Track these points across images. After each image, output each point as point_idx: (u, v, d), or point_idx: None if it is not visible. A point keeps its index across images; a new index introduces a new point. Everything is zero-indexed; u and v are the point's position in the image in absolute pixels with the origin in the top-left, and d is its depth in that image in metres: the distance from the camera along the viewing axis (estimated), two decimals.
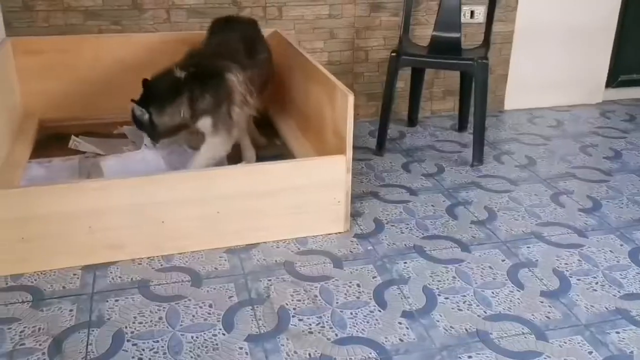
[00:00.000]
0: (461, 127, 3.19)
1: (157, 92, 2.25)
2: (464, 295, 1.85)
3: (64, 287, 1.83)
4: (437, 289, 1.88)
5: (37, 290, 1.81)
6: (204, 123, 2.29)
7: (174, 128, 2.31)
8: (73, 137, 2.63)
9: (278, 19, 2.98)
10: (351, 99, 2.01)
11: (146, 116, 2.27)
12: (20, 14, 2.67)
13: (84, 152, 2.58)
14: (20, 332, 1.63)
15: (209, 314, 1.74)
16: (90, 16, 2.75)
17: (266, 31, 2.88)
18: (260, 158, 2.52)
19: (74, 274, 1.89)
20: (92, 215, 1.87)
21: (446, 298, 1.84)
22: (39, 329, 1.65)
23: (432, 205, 2.41)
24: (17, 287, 1.82)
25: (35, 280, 1.85)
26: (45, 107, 2.70)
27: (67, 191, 1.85)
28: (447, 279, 1.93)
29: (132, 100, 2.26)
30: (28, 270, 1.88)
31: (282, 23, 2.99)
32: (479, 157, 2.77)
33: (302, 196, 2.08)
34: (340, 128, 2.10)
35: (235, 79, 2.27)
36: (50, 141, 2.63)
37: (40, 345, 1.59)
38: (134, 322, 1.69)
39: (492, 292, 1.87)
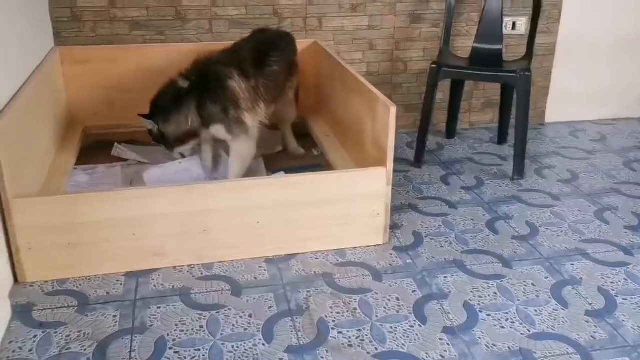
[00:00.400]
0: (501, 139, 3.15)
1: (162, 102, 2.33)
2: (506, 313, 1.82)
3: (107, 293, 1.86)
4: (479, 304, 1.85)
5: (82, 296, 1.84)
6: (218, 130, 2.33)
7: (184, 136, 2.36)
8: (116, 144, 2.68)
9: (318, 30, 2.99)
10: (393, 110, 2.00)
11: (155, 128, 2.34)
12: (68, 24, 2.74)
13: (126, 160, 2.63)
14: (67, 336, 1.67)
15: (249, 323, 1.74)
16: (136, 27, 2.81)
17: (306, 42, 2.91)
18: (298, 168, 2.53)
19: (118, 280, 1.92)
20: (136, 222, 1.90)
21: (488, 314, 1.81)
22: (84, 333, 1.68)
23: (472, 219, 2.38)
24: (63, 291, 1.86)
25: (81, 285, 1.89)
26: (89, 114, 2.77)
27: (113, 198, 1.88)
28: (489, 295, 1.90)
29: (139, 115, 2.33)
30: (73, 275, 1.92)
31: (322, 34, 3.00)
32: (519, 170, 2.73)
33: (342, 208, 2.08)
34: (381, 140, 2.09)
35: (237, 86, 2.29)
36: (94, 148, 2.69)
37: (85, 350, 1.62)
38: (175, 330, 1.71)
39: (535, 310, 1.83)
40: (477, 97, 3.33)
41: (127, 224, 1.90)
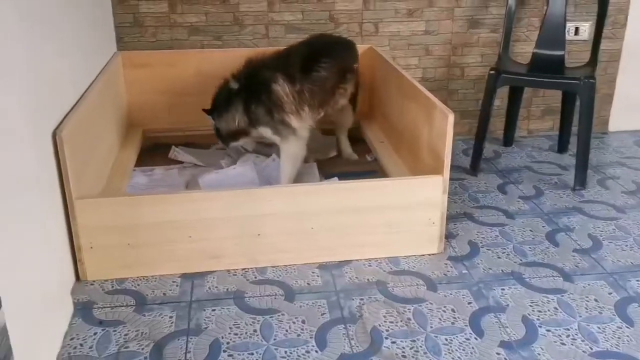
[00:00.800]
0: (561, 148, 3.05)
1: (218, 100, 2.44)
2: (567, 329, 1.75)
3: (164, 294, 1.89)
4: (538, 319, 1.79)
5: (140, 295, 1.88)
6: (265, 132, 2.39)
7: (235, 133, 2.44)
8: (173, 147, 2.74)
9: (374, 35, 2.98)
10: (451, 118, 1.96)
11: (212, 122, 2.44)
12: (130, 29, 2.82)
13: (182, 162, 2.68)
14: (125, 335, 1.71)
15: (302, 330, 1.74)
16: (194, 32, 2.87)
17: (361, 47, 2.90)
18: (352, 174, 2.52)
19: (174, 282, 1.95)
20: (192, 225, 1.93)
21: (548, 330, 1.75)
22: (142, 333, 1.72)
23: (531, 230, 2.30)
24: (122, 290, 1.91)
25: (138, 285, 1.93)
26: (149, 117, 2.84)
27: (172, 201, 1.92)
28: (549, 310, 1.84)
29: (203, 110, 2.44)
30: (132, 275, 1.97)
31: (378, 39, 2.98)
32: (581, 180, 2.64)
33: (396, 215, 2.05)
34: (438, 147, 2.05)
35: (281, 90, 2.32)
36: (153, 150, 2.75)
37: (142, 349, 1.65)
38: (229, 333, 1.72)
39: (599, 327, 1.76)
40: (536, 103, 3.24)
41: (184, 227, 1.93)
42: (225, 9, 2.85)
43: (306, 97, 2.38)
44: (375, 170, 2.60)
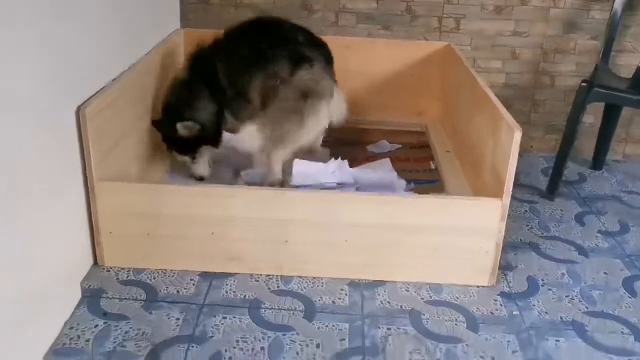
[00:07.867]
0: None
1: None
2: None
3: (177, 292, 1.77)
4: None
5: (153, 290, 1.76)
6: None
7: None
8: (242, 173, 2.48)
9: (454, 32, 2.70)
10: (518, 135, 1.68)
11: None
12: (196, 6, 2.72)
13: None
14: (125, 332, 1.59)
15: (314, 356, 1.55)
16: (260, 14, 2.70)
17: (437, 44, 2.65)
18: (409, 181, 2.28)
19: (191, 279, 1.82)
20: (216, 221, 1.79)
21: None
22: (143, 333, 1.59)
23: (606, 273, 1.97)
24: (136, 282, 1.80)
25: (155, 278, 1.82)
26: None
27: (194, 194, 1.78)
28: None
29: None
30: (151, 267, 1.85)
31: (458, 37, 2.70)
32: None
33: (443, 238, 1.80)
34: (500, 167, 1.78)
35: None
36: None
37: (139, 351, 1.53)
38: (234, 347, 1.56)
39: None
40: (637, 124, 2.83)
41: (207, 222, 1.79)
42: None
43: None
44: (434, 180, 2.35)
